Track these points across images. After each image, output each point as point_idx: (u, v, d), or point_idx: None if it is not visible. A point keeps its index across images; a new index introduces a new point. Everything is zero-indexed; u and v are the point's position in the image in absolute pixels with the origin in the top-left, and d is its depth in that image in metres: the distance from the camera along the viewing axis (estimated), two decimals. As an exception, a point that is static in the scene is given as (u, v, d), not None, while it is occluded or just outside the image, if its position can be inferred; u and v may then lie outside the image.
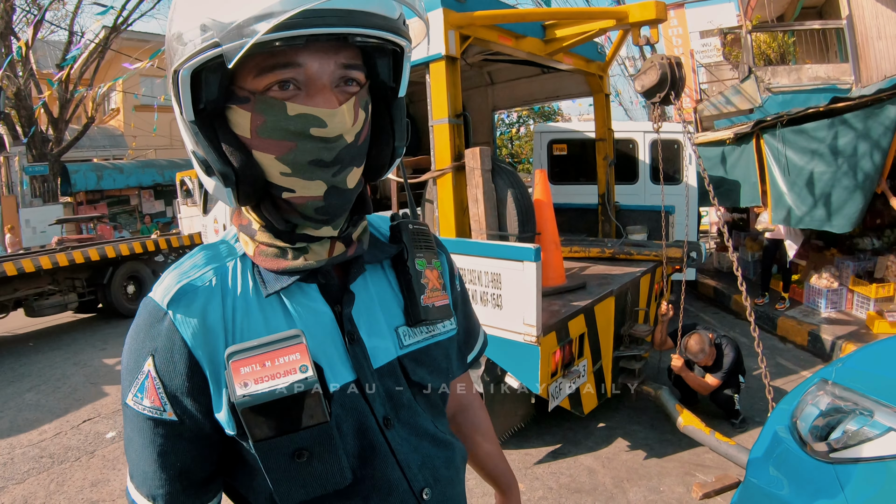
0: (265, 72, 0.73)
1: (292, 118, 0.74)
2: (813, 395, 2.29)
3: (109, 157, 19.23)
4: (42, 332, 8.91)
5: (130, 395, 0.80)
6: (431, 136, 3.94)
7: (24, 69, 13.05)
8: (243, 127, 0.76)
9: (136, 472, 0.84)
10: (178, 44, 0.73)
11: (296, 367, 0.75)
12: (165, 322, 0.79)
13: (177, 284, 0.81)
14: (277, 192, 0.80)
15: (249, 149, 0.77)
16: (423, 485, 0.92)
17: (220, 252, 0.87)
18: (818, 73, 10.66)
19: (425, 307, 0.95)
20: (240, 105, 0.75)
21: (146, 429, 0.81)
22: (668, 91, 3.72)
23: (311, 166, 0.77)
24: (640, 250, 5.03)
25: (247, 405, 0.72)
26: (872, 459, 1.88)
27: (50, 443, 4.75)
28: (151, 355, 0.79)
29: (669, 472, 3.72)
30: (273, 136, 0.75)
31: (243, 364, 0.74)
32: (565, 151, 8.15)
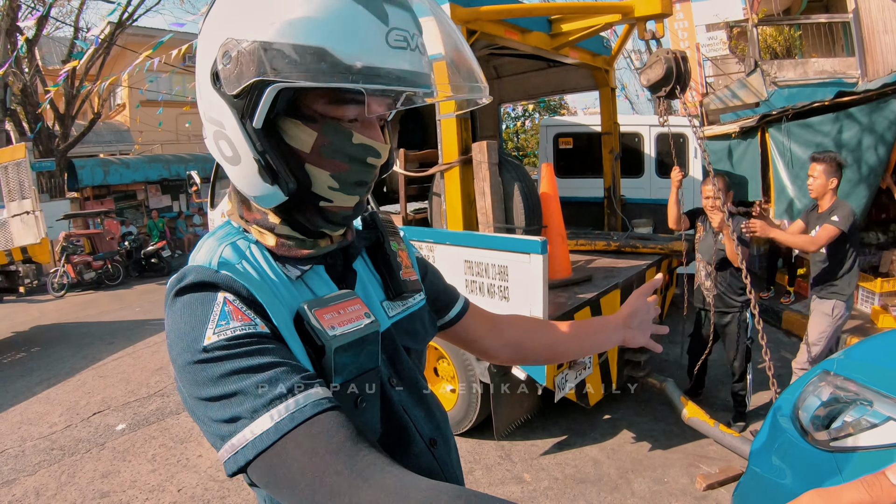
0: (341, 103, 0.82)
1: (356, 146, 0.85)
2: (815, 385, 2.32)
3: (116, 153, 19.28)
4: (50, 326, 8.97)
5: (210, 331, 0.75)
6: (439, 131, 3.96)
7: (30, 65, 13.09)
8: (304, 143, 0.83)
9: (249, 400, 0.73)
10: (275, 56, 0.74)
11: (361, 314, 0.88)
12: (221, 275, 0.81)
13: (219, 248, 0.86)
14: (315, 200, 0.88)
15: (303, 161, 0.84)
16: (430, 435, 1.03)
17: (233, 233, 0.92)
18: (824, 66, 10.62)
19: (405, 281, 1.07)
20: (306, 123, 0.82)
21: (243, 347, 0.75)
22: (673, 85, 3.72)
23: (355, 185, 0.88)
24: (645, 243, 5.05)
25: (339, 343, 0.82)
26: (872, 448, 1.91)
27: (60, 435, 4.80)
28: (220, 290, 0.79)
29: (674, 464, 3.75)
30: (334, 157, 0.84)
31: (324, 312, 0.84)
32: (571, 145, 8.16)
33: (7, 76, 12.27)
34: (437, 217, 4.40)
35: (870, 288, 6.27)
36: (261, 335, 0.77)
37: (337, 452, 0.70)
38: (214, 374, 0.73)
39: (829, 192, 3.94)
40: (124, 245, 13.16)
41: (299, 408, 0.72)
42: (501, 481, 3.65)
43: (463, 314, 1.28)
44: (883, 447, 1.89)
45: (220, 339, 0.74)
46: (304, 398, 0.73)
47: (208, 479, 3.93)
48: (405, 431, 0.97)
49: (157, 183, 16.92)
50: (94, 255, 12.57)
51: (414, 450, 0.98)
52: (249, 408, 0.72)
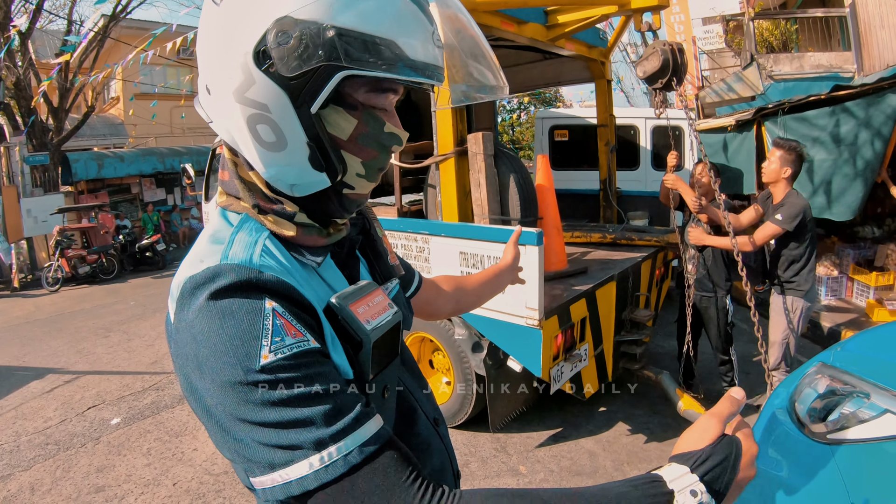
0: (379, 92, 0.84)
1: (387, 134, 0.87)
2: (811, 377, 2.32)
3: (110, 146, 19.19)
4: (45, 320, 8.93)
5: (267, 349, 0.71)
6: (434, 122, 3.95)
7: (24, 59, 13.00)
8: (344, 130, 0.83)
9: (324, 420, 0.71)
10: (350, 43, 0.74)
11: (385, 304, 0.90)
12: (266, 275, 0.76)
13: (257, 243, 0.81)
14: (341, 187, 0.89)
15: (339, 148, 0.84)
16: (433, 415, 1.08)
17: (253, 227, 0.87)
18: (820, 61, 10.61)
19: (391, 266, 1.12)
20: (348, 111, 0.83)
21: (302, 367, 0.72)
22: (669, 77, 3.71)
23: (378, 172, 0.90)
24: (641, 236, 5.05)
25: (376, 336, 0.84)
26: (869, 440, 1.92)
27: (55, 430, 4.78)
28: (267, 298, 0.74)
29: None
30: (369, 144, 0.86)
31: (357, 305, 0.84)
32: (567, 137, 8.15)
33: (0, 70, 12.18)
34: (432, 209, 4.39)
35: (865, 282, 6.28)
36: (315, 352, 0.75)
37: (405, 489, 0.71)
38: (271, 398, 0.70)
39: (782, 180, 3.87)
40: (119, 239, 13.10)
41: (365, 440, 0.72)
42: (497, 473, 3.65)
43: (420, 287, 1.36)
44: (880, 439, 1.90)
45: (278, 359, 0.71)
46: (366, 429, 0.73)
47: (203, 472, 3.92)
48: (413, 412, 1.01)
49: (151, 176, 16.84)
50: (89, 248, 12.52)
51: (421, 429, 1.01)
52: (313, 438, 0.70)
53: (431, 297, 1.40)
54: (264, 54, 0.75)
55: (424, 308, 1.40)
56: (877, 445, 1.89)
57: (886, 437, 1.88)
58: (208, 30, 0.81)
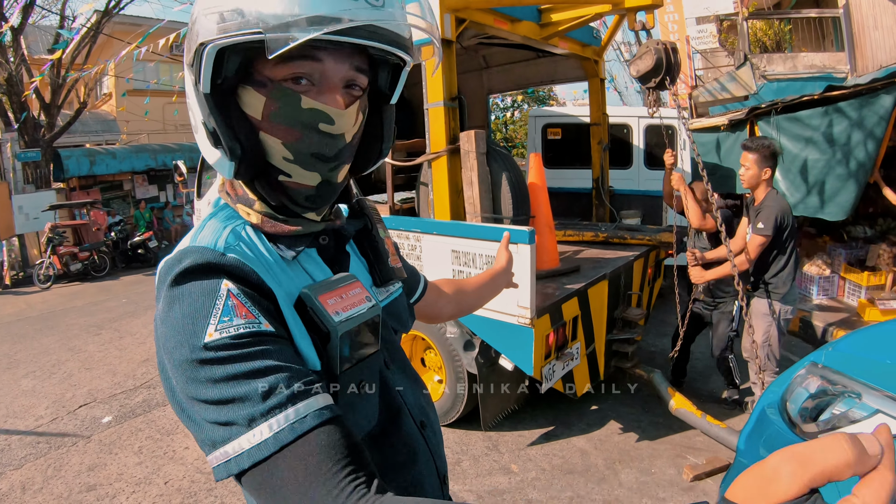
0: (286, 61, 0.78)
1: (305, 111, 0.81)
2: (803, 377, 2.32)
3: (102, 143, 19.08)
4: (36, 318, 8.89)
5: (212, 328, 0.71)
6: (427, 119, 3.94)
7: (16, 54, 12.92)
8: (255, 109, 0.82)
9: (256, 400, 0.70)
10: (209, 19, 0.76)
11: (362, 297, 0.88)
12: (228, 258, 0.78)
13: (224, 229, 0.83)
14: (275, 173, 0.86)
15: (257, 129, 0.83)
16: (420, 417, 1.05)
17: (232, 215, 0.90)
18: (814, 61, 10.64)
19: (392, 268, 1.08)
20: (256, 88, 0.81)
21: (246, 347, 0.72)
22: (663, 76, 3.72)
23: (312, 158, 0.84)
24: (633, 234, 5.05)
25: (345, 328, 0.82)
26: None
27: (46, 428, 4.75)
28: (225, 276, 0.75)
29: (661, 455, 3.77)
30: (284, 122, 0.81)
31: (328, 297, 0.83)
32: (560, 136, 8.15)
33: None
34: (424, 207, 4.39)
35: (856, 281, 6.30)
36: (264, 334, 0.74)
37: (328, 478, 0.67)
38: (213, 375, 0.70)
39: (762, 182, 3.86)
40: (111, 236, 13.04)
41: (299, 418, 0.70)
42: (489, 472, 3.65)
43: (425, 292, 1.36)
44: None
45: (223, 338, 0.71)
46: (304, 407, 0.71)
47: (195, 471, 3.91)
48: (399, 413, 0.99)
49: (143, 173, 16.74)
50: (81, 246, 12.45)
51: (406, 430, 0.99)
52: (247, 415, 0.69)
53: (433, 299, 1.39)
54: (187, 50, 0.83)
55: (426, 311, 1.39)
56: (866, 446, 1.90)
57: (876, 438, 1.88)
58: None
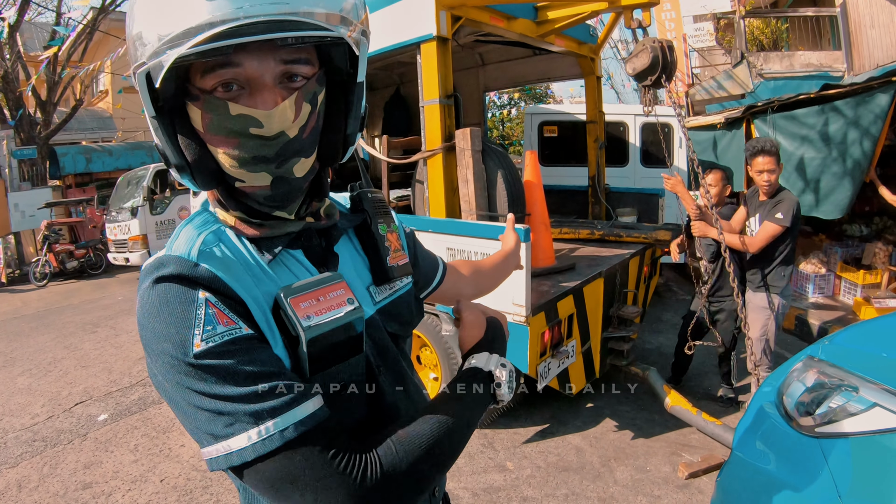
0: (209, 71, 0.78)
1: (234, 118, 0.79)
2: (799, 371, 2.32)
3: (98, 140, 19.04)
4: (32, 316, 8.87)
5: (199, 339, 0.73)
6: (422, 117, 3.93)
7: (11, 51, 12.88)
8: (197, 122, 0.82)
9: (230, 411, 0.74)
10: (137, 45, 0.78)
11: (344, 300, 0.85)
12: (201, 269, 0.79)
13: (198, 239, 0.84)
14: (231, 180, 0.86)
15: (204, 142, 0.83)
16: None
17: (210, 220, 0.91)
18: (810, 60, 10.66)
19: (392, 267, 1.05)
20: (193, 102, 0.81)
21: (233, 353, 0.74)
22: (659, 74, 3.71)
23: (254, 161, 0.82)
24: (629, 232, 5.06)
25: (314, 334, 0.80)
26: (857, 434, 1.91)
27: (42, 426, 4.75)
28: (201, 288, 0.77)
29: (656, 452, 3.77)
30: (219, 133, 0.81)
31: (301, 300, 0.81)
32: (556, 133, 8.16)
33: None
34: (419, 204, 4.38)
35: (852, 280, 6.32)
36: (247, 338, 0.77)
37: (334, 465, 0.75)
38: (205, 380, 0.74)
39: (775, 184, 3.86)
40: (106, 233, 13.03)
41: (300, 419, 0.75)
42: (484, 469, 3.65)
43: (444, 278, 1.35)
44: (869, 433, 1.89)
45: (210, 346, 0.74)
46: (301, 409, 0.76)
47: (191, 468, 3.91)
48: (389, 417, 0.97)
49: (140, 171, 16.71)
50: (77, 243, 12.44)
51: None
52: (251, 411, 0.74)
53: (452, 283, 1.39)
54: None
55: (446, 294, 1.39)
56: (865, 439, 1.89)
57: (875, 431, 1.88)
58: None
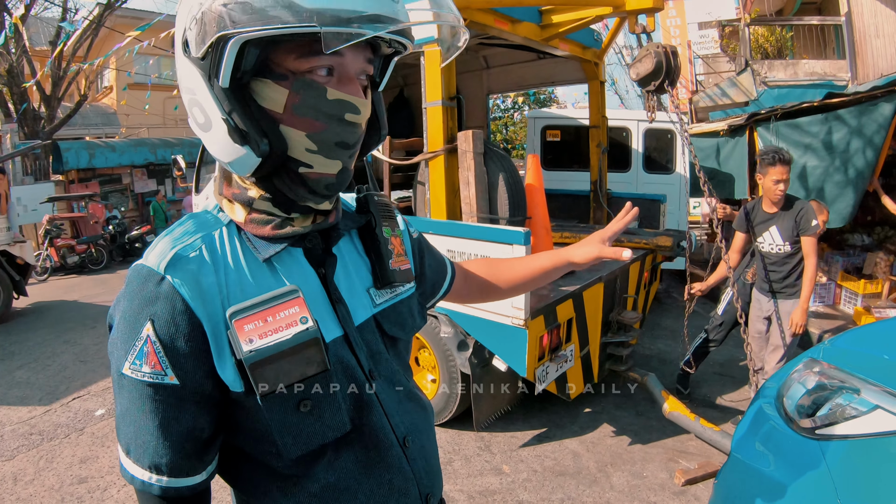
0: (310, 55, 0.79)
1: (331, 102, 0.82)
2: (800, 373, 2.30)
3: (102, 136, 19.06)
4: (31, 309, 8.87)
5: (128, 364, 0.80)
6: (424, 119, 3.93)
7: (17, 46, 12.90)
8: (276, 102, 0.81)
9: (135, 444, 0.83)
10: (234, 9, 0.74)
11: (296, 319, 0.81)
12: (164, 286, 0.80)
13: (171, 250, 0.83)
14: (295, 166, 0.86)
15: (277, 122, 0.82)
16: (405, 432, 1.01)
17: (207, 221, 0.91)
18: (815, 68, 10.66)
19: (393, 270, 1.04)
20: (276, 81, 0.81)
21: (146, 396, 0.81)
22: (662, 80, 3.71)
23: (336, 147, 0.85)
24: (630, 238, 5.04)
25: (254, 360, 0.78)
26: (858, 436, 1.90)
27: (39, 420, 4.74)
28: (150, 320, 0.79)
29: (653, 458, 3.77)
30: (308, 115, 0.82)
31: (246, 322, 0.80)
32: (559, 138, 8.16)
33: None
34: (421, 206, 4.38)
35: (853, 289, 6.31)
36: (166, 388, 0.80)
37: None
38: (123, 398, 0.83)
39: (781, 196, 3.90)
40: (108, 229, 13.02)
41: (160, 486, 0.84)
42: (480, 472, 3.65)
43: (451, 285, 1.34)
44: (870, 435, 1.88)
45: (132, 377, 0.80)
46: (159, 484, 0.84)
47: (185, 465, 3.90)
48: (380, 428, 0.96)
49: (143, 167, 16.69)
50: (78, 238, 12.42)
51: (384, 448, 0.97)
52: (136, 449, 0.83)
53: (457, 287, 1.37)
54: (185, 42, 0.81)
55: (454, 297, 1.39)
56: (866, 441, 1.87)
57: (876, 434, 1.86)
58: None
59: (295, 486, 0.91)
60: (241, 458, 0.94)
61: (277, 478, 0.92)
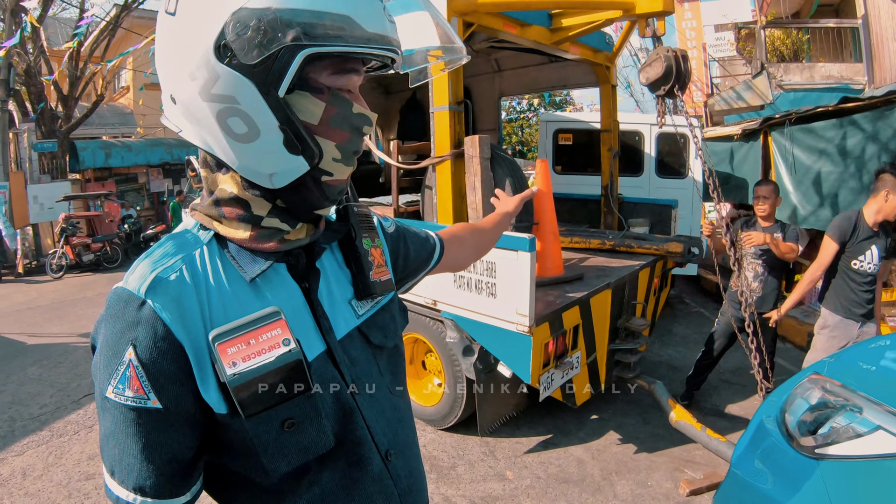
0: (343, 73, 0.86)
1: (356, 115, 0.89)
2: (804, 388, 2.27)
3: (118, 135, 19.25)
4: (47, 307, 8.97)
5: (111, 388, 0.81)
6: (432, 123, 3.93)
7: (35, 46, 13.05)
8: (314, 115, 0.85)
9: (119, 466, 0.83)
10: (304, 19, 0.76)
11: (279, 341, 0.82)
12: (145, 310, 0.81)
13: (151, 273, 0.83)
14: (319, 174, 0.89)
15: (312, 134, 0.85)
16: (387, 446, 1.01)
17: (187, 241, 0.91)
18: (831, 72, 10.54)
19: (374, 282, 1.05)
20: (314, 94, 0.84)
21: (129, 420, 0.81)
22: (672, 84, 3.68)
23: (353, 155, 0.91)
24: (640, 243, 5.01)
25: (237, 383, 0.79)
26: (858, 458, 1.86)
27: (50, 416, 4.80)
28: (132, 344, 0.80)
29: (658, 467, 3.73)
30: (340, 126, 0.87)
31: (229, 345, 0.80)
32: (571, 141, 8.12)
33: (11, 56, 12.22)
34: (428, 210, 4.38)
35: (867, 297, 6.21)
36: (148, 412, 0.81)
37: None
38: (107, 420, 0.83)
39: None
40: (124, 228, 13.15)
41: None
42: (483, 478, 3.63)
43: (441, 258, 1.38)
44: (869, 457, 1.84)
45: (115, 401, 0.81)
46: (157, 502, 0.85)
47: (191, 465, 3.92)
48: (362, 443, 0.96)
49: (158, 166, 16.86)
50: (94, 237, 12.57)
51: (366, 463, 0.97)
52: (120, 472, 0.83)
53: (454, 253, 1.44)
54: (225, 48, 0.77)
55: (450, 263, 1.44)
56: (867, 463, 1.84)
57: (877, 456, 1.83)
58: (166, 40, 0.84)
59: (279, 502, 0.92)
60: (226, 475, 0.94)
61: (262, 494, 0.92)
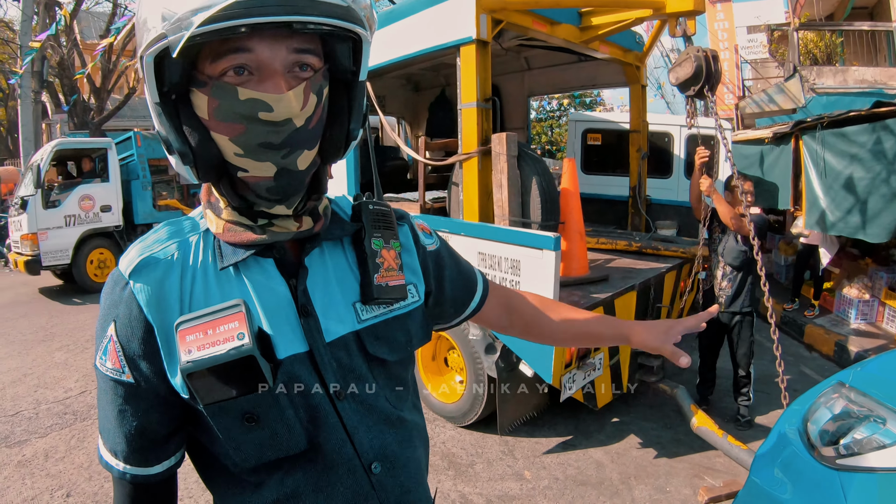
0: (219, 57, 0.78)
1: (243, 102, 0.78)
2: (827, 396, 2.23)
3: (150, 127, 19.48)
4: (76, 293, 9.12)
5: (97, 357, 0.89)
6: (459, 120, 3.92)
7: (68, 39, 13.28)
8: (202, 109, 0.81)
9: (103, 428, 0.92)
10: (143, 29, 0.77)
11: (234, 334, 0.80)
12: (126, 290, 0.87)
13: (139, 257, 0.88)
14: (233, 170, 0.85)
15: (208, 130, 0.82)
16: (372, 458, 0.95)
17: (183, 227, 0.94)
18: (865, 75, 10.31)
19: (378, 286, 0.97)
20: (199, 89, 0.80)
21: (108, 388, 0.89)
22: (702, 84, 3.63)
23: (260, 148, 0.81)
24: (667, 246, 4.95)
25: (189, 370, 0.79)
26: (880, 470, 1.82)
27: (74, 400, 4.89)
28: (114, 321, 0.87)
29: (678, 473, 3.69)
30: (227, 118, 0.80)
31: (189, 332, 0.80)
32: (599, 141, 8.06)
33: (45, 49, 12.45)
34: (454, 207, 4.37)
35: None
36: (123, 384, 0.87)
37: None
38: (99, 385, 0.91)
39: None
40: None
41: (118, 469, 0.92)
42: (501, 477, 3.62)
43: (480, 307, 1.25)
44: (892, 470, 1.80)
45: (100, 369, 0.89)
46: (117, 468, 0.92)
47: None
48: (335, 451, 0.92)
49: (188, 159, 17.03)
50: (125, 227, 12.70)
51: (342, 472, 0.93)
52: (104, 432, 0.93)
53: (493, 317, 1.30)
54: None
55: (484, 324, 1.32)
56: (888, 476, 1.80)
57: (899, 468, 1.79)
58: None
59: (252, 493, 0.93)
60: (208, 456, 0.96)
61: (238, 481, 0.94)
